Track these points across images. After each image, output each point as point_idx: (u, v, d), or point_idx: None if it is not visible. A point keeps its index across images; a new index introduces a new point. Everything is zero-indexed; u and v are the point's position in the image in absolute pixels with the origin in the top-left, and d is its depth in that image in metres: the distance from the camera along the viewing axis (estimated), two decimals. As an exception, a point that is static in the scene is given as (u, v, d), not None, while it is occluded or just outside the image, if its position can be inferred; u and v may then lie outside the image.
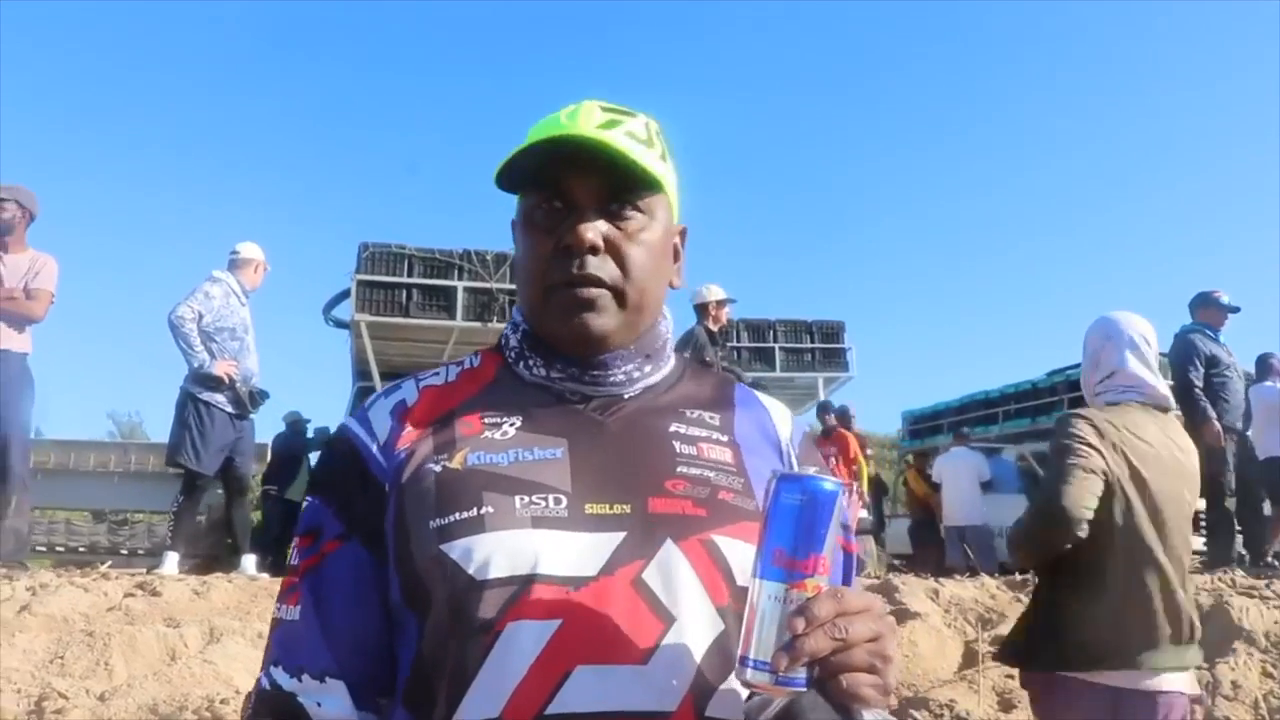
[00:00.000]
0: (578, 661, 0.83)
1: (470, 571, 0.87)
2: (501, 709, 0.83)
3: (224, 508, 6.37)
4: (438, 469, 0.94)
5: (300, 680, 0.94)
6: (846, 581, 1.06)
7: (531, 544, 0.88)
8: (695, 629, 0.87)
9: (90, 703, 3.50)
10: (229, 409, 5.82)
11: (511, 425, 0.98)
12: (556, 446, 0.96)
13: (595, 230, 0.97)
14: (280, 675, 0.95)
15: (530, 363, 1.04)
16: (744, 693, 0.85)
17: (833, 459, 9.64)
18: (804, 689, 0.77)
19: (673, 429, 1.01)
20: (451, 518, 0.90)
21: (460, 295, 7.83)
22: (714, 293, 6.66)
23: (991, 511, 10.18)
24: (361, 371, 8.54)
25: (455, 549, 0.88)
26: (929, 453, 12.76)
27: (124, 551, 14.47)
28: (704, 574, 0.89)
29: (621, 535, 0.90)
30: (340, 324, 8.68)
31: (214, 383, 5.74)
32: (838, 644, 0.76)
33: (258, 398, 5.85)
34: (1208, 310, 6.65)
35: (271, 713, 0.94)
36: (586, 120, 0.99)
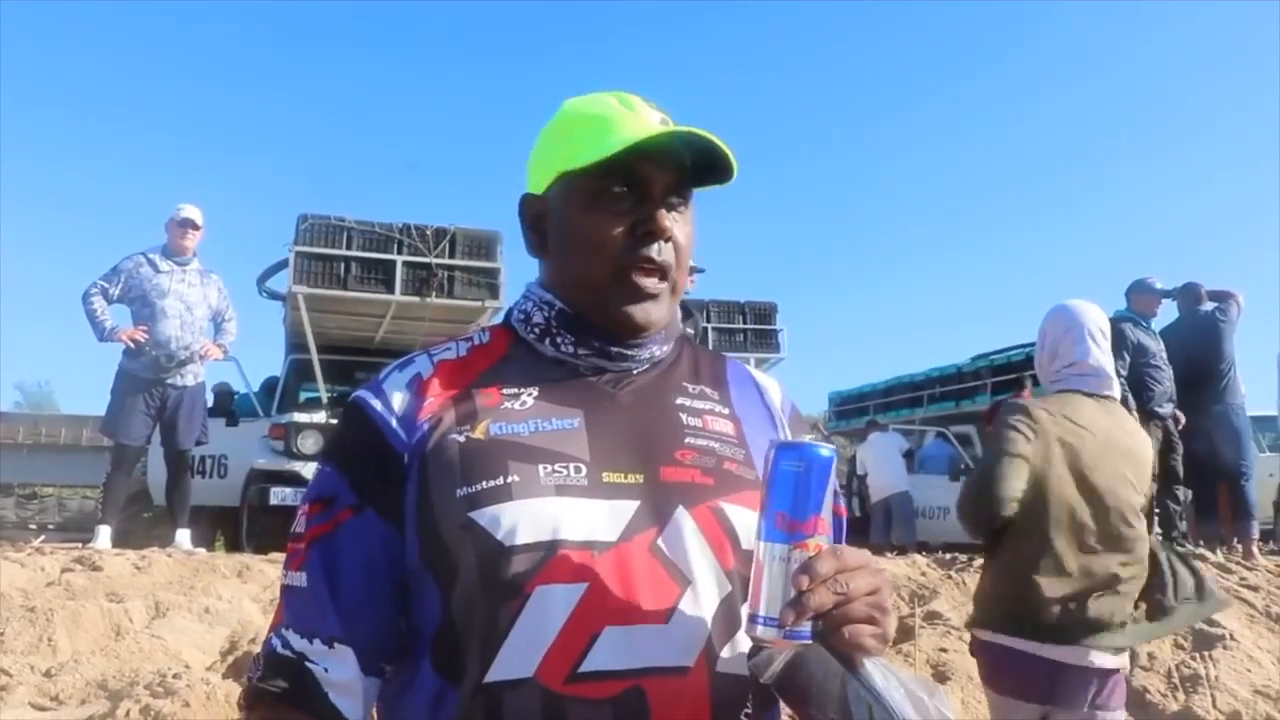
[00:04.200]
0: (606, 623, 0.89)
1: (499, 537, 0.91)
2: (535, 668, 0.87)
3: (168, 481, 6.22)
4: (461, 439, 0.98)
5: (311, 644, 0.96)
6: (838, 542, 1.12)
7: (555, 511, 0.93)
8: (707, 590, 0.93)
9: (36, 679, 3.43)
10: (145, 375, 5.81)
11: (529, 396, 1.02)
12: (573, 417, 1.00)
13: (672, 220, 1.02)
14: (292, 637, 0.97)
15: (558, 340, 1.07)
16: (747, 647, 0.90)
17: None
18: (809, 641, 0.82)
19: (679, 402, 1.06)
20: (479, 486, 0.94)
21: (399, 269, 7.73)
22: None
23: (916, 492, 10.51)
24: (296, 344, 8.36)
25: (483, 516, 0.92)
26: (851, 435, 13.07)
27: (33, 526, 14.01)
28: (712, 539, 0.95)
29: (637, 503, 0.95)
30: (274, 295, 8.48)
31: (131, 351, 5.78)
32: (839, 598, 0.80)
33: (163, 360, 5.76)
34: (1141, 297, 6.86)
35: (279, 674, 0.96)
36: (647, 113, 1.04)
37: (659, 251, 1.02)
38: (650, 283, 1.03)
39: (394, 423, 1.00)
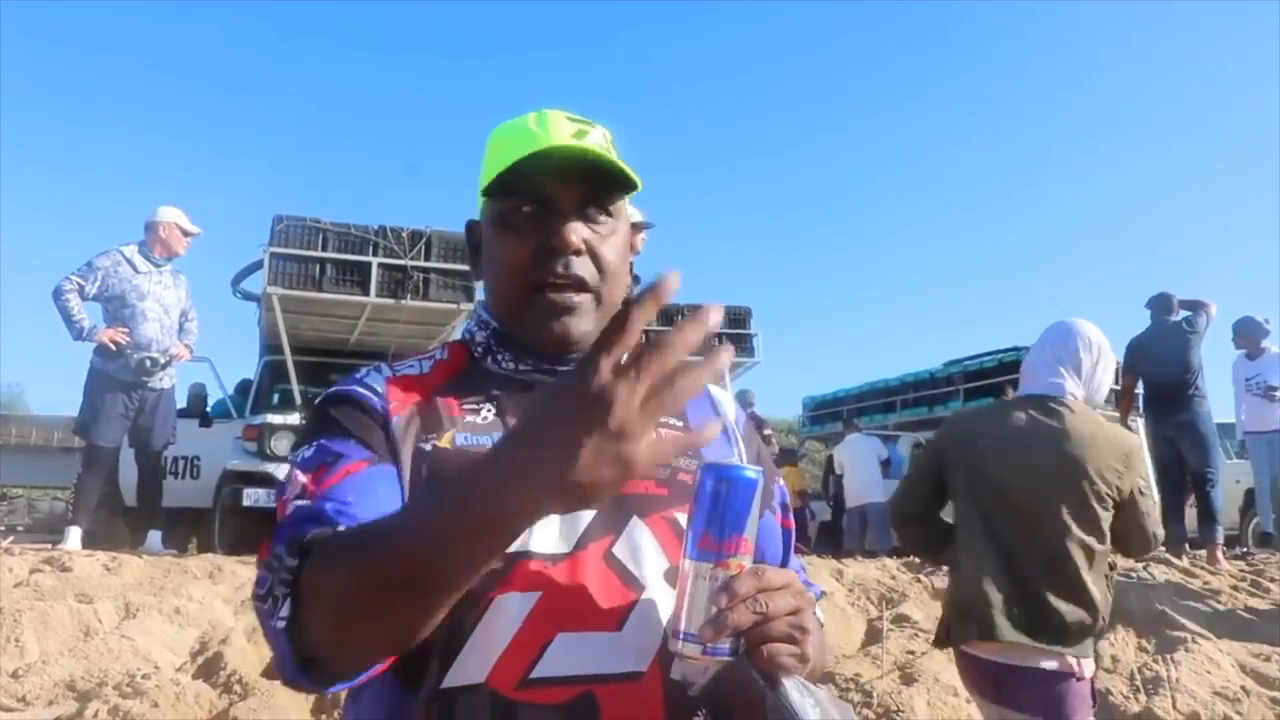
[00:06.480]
0: (558, 629, 0.91)
1: None
2: (487, 674, 0.90)
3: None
4: (428, 448, 0.99)
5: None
6: (787, 554, 1.16)
7: None
8: (661, 597, 0.95)
9: (3, 680, 3.41)
10: (124, 377, 5.74)
11: (489, 410, 1.04)
12: None
13: (578, 233, 1.02)
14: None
15: (499, 357, 1.09)
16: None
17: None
18: (730, 658, 0.83)
19: None
20: None
21: (374, 271, 7.72)
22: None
23: (890, 493, 10.56)
24: (271, 345, 8.33)
25: None
26: (825, 440, 13.13)
27: (1, 527, 13.84)
28: (667, 547, 0.98)
29: (592, 514, 0.97)
30: (249, 296, 8.43)
31: (108, 352, 5.69)
32: (758, 617, 0.82)
33: (147, 364, 5.71)
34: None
35: (306, 518, 0.86)
36: (558, 130, 1.04)
37: (567, 266, 1.02)
38: (564, 298, 1.03)
39: (380, 405, 1.00)
